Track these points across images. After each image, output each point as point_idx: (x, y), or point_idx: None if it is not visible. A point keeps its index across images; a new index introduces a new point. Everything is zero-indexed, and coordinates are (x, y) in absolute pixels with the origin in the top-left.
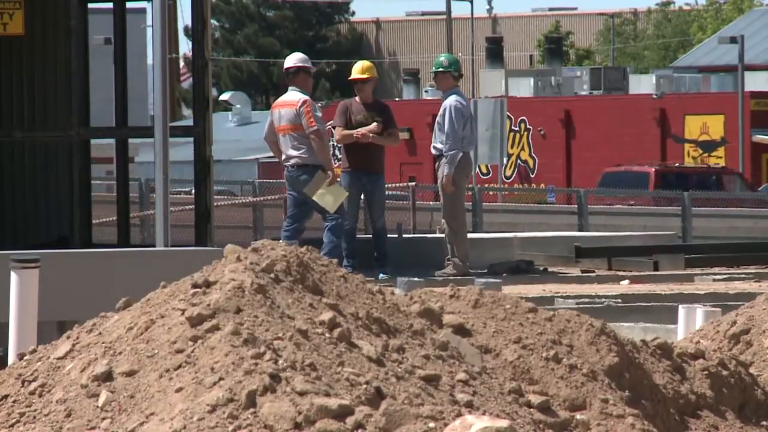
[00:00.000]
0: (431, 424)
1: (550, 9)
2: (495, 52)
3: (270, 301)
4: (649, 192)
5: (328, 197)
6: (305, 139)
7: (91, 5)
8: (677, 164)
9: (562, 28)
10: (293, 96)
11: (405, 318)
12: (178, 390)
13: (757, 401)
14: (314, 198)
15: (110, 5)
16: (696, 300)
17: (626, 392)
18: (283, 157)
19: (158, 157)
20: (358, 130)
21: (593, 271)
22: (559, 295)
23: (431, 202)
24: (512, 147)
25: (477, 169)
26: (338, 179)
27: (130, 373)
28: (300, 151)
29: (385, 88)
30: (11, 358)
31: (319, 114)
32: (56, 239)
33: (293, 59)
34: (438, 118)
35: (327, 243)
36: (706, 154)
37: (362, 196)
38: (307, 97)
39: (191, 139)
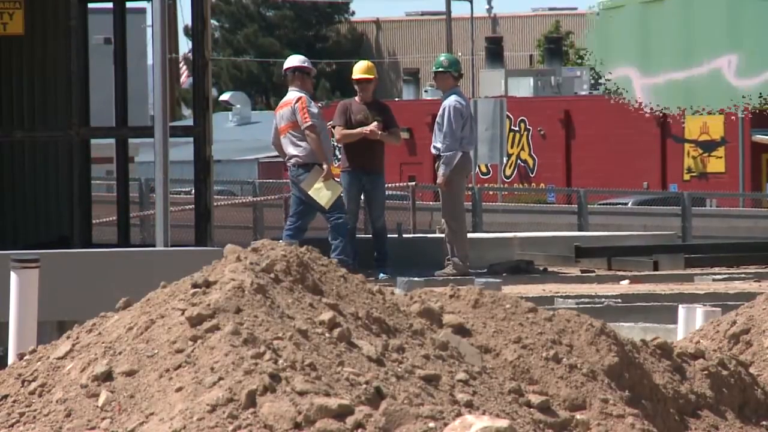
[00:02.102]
0: (431, 424)
1: (550, 9)
2: (495, 52)
3: (270, 301)
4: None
5: (324, 192)
6: (304, 137)
7: (91, 5)
8: None
9: (562, 28)
10: (290, 96)
11: (405, 318)
12: (178, 390)
13: (757, 401)
14: (310, 192)
15: (110, 5)
16: (696, 300)
17: (626, 392)
18: (286, 157)
19: (158, 157)
20: (362, 128)
21: (593, 271)
22: (559, 295)
23: (431, 202)
24: (512, 147)
25: (477, 169)
26: (336, 178)
27: (130, 373)
28: (298, 150)
29: (385, 88)
30: (11, 358)
31: (315, 110)
32: (56, 239)
33: (290, 61)
34: (437, 118)
35: (336, 245)
36: (706, 154)
37: (362, 196)
38: (302, 95)
39: (191, 139)
